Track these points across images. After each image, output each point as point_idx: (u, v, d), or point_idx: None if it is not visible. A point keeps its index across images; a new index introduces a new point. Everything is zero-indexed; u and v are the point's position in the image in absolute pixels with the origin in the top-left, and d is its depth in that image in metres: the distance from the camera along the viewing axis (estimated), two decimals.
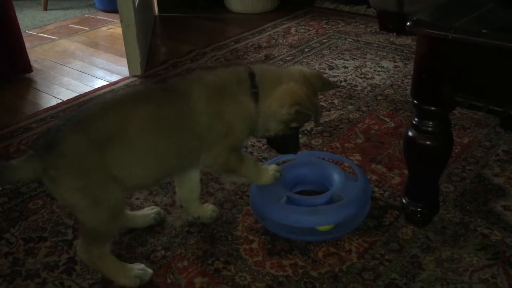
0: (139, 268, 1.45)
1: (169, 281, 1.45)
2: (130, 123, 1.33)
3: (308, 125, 2.21)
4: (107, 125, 1.32)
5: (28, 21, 3.82)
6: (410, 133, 1.48)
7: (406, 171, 1.67)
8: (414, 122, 1.46)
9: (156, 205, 1.74)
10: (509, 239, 1.52)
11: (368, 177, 1.80)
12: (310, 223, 1.53)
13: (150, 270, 1.46)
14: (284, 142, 1.54)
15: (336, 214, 1.52)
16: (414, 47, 2.91)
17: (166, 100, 1.39)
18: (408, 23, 1.34)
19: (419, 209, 1.57)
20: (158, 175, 1.46)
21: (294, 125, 1.49)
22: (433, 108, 1.40)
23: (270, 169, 1.60)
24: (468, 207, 1.66)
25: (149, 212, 1.67)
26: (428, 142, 1.44)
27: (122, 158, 1.33)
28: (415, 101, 1.43)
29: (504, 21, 1.32)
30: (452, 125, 1.50)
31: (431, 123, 1.42)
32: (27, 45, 2.89)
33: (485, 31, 1.22)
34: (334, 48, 3.05)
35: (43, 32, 3.64)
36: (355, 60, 2.86)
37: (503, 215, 1.62)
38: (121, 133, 1.32)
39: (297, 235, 1.55)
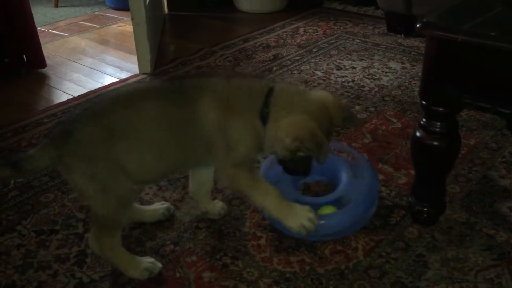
0: (149, 261, 1.48)
1: (177, 275, 1.47)
2: (139, 118, 1.37)
3: None
4: (119, 118, 1.37)
5: (39, 17, 3.86)
6: (417, 134, 1.50)
7: (412, 171, 1.69)
8: (422, 122, 1.48)
9: (166, 200, 1.77)
10: None
11: None
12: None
13: (159, 264, 1.49)
14: (292, 166, 1.47)
15: (342, 220, 1.53)
16: (421, 48, 2.93)
17: (175, 100, 1.41)
18: (418, 25, 1.36)
19: (425, 209, 1.59)
20: (164, 170, 1.50)
21: (301, 154, 1.41)
22: (441, 109, 1.42)
23: (303, 213, 1.41)
24: (474, 207, 1.68)
25: (158, 207, 1.69)
26: (435, 143, 1.46)
27: (131, 150, 1.37)
28: (423, 102, 1.45)
29: None
30: (459, 127, 1.51)
31: (439, 123, 1.44)
32: None
33: (493, 34, 1.24)
34: (342, 48, 3.07)
35: (54, 29, 3.68)
36: (363, 61, 2.88)
37: (509, 216, 1.63)
38: (131, 126, 1.37)
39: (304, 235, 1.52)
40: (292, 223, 1.41)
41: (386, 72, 2.73)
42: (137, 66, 2.84)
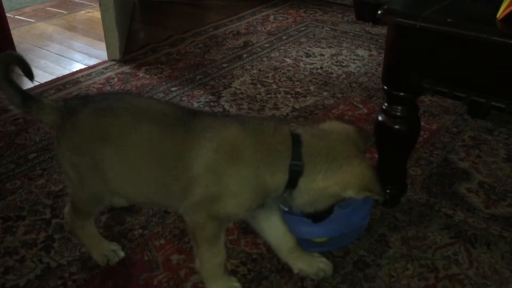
0: (112, 248, 1.48)
1: (146, 258, 1.49)
2: (135, 137, 1.28)
3: (284, 111, 2.27)
4: (119, 126, 1.29)
5: (5, 3, 3.72)
6: (380, 118, 1.54)
7: (376, 155, 1.74)
8: (384, 107, 1.52)
9: None
10: (471, 219, 1.61)
11: None
12: (306, 234, 1.44)
13: (121, 254, 1.48)
14: (322, 214, 1.35)
15: (334, 226, 1.44)
16: None
17: (177, 135, 1.26)
18: (379, 12, 1.40)
19: (387, 191, 1.64)
20: (140, 199, 1.42)
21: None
22: (402, 93, 1.47)
23: (231, 284, 1.38)
24: (434, 189, 1.75)
25: None
26: (396, 126, 1.51)
27: (113, 161, 1.30)
28: (385, 87, 1.49)
29: (469, 11, 1.39)
30: (422, 112, 1.57)
31: (399, 108, 1.49)
32: None
33: (450, 20, 1.28)
34: (311, 36, 3.11)
35: (20, 15, 3.60)
36: (331, 48, 2.92)
37: (467, 196, 1.71)
38: (125, 141, 1.29)
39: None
40: (216, 285, 1.36)
41: (353, 60, 2.77)
42: (106, 53, 2.82)
